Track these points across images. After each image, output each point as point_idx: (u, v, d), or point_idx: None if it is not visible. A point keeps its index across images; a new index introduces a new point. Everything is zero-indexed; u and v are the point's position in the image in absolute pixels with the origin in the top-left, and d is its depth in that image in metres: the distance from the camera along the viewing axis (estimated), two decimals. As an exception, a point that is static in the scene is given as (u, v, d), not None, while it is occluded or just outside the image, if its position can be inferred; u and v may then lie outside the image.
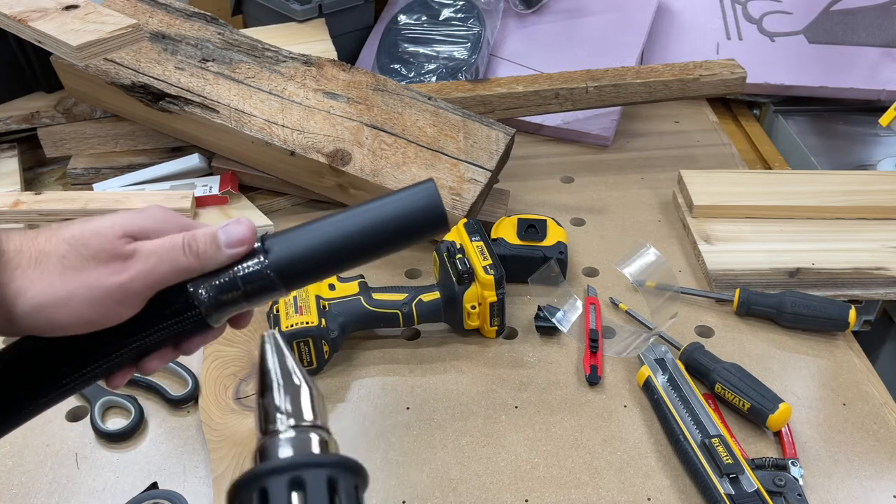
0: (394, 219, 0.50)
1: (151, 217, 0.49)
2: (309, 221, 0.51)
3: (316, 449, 0.46)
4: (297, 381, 0.49)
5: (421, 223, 0.50)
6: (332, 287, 0.86)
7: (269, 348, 0.50)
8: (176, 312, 0.49)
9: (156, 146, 1.11)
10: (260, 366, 0.50)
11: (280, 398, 0.48)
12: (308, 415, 0.48)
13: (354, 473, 0.45)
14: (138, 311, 0.47)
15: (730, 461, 0.70)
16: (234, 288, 0.49)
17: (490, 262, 0.84)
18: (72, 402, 0.80)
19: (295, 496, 0.43)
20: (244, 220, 0.50)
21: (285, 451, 0.46)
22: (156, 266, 0.46)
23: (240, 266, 0.50)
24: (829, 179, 1.08)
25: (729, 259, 0.96)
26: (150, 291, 0.47)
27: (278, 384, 0.49)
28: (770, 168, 1.20)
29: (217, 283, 0.49)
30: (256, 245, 0.50)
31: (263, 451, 0.47)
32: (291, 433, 0.47)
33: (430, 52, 1.31)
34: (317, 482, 0.43)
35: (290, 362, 0.50)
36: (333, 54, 1.20)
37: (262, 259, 0.50)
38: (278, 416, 0.47)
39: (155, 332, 0.49)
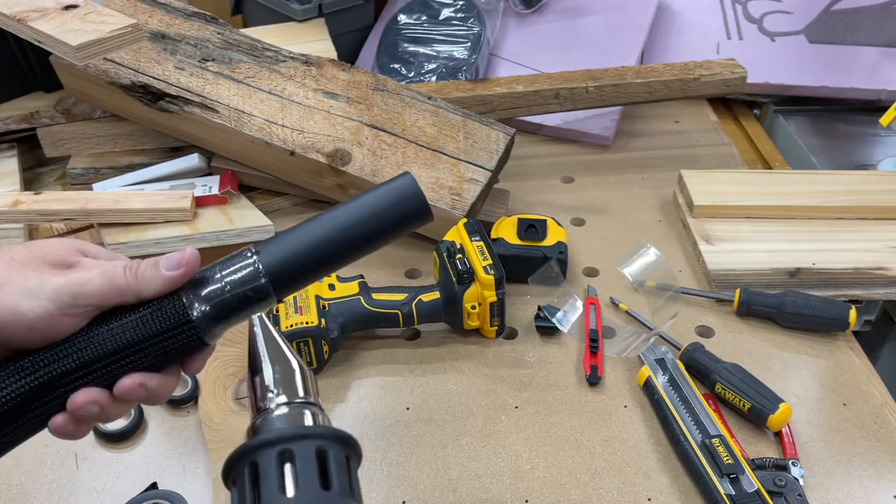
0: (379, 212, 0.50)
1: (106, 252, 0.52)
2: (295, 225, 0.51)
3: (307, 423, 0.47)
4: (286, 360, 0.50)
5: (405, 215, 0.51)
6: (331, 287, 0.86)
7: (257, 330, 0.51)
8: (171, 327, 0.48)
9: (155, 146, 1.11)
10: (249, 347, 0.51)
11: (270, 377, 0.49)
12: (299, 391, 0.49)
13: (345, 445, 0.46)
14: (77, 323, 0.47)
15: (730, 461, 0.70)
16: (227, 297, 0.48)
17: (490, 262, 0.84)
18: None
19: (286, 468, 0.43)
20: (188, 248, 0.50)
21: (275, 426, 0.46)
22: (94, 277, 0.47)
23: (232, 274, 0.49)
24: (829, 179, 1.08)
25: (729, 259, 0.96)
26: (86, 301, 0.47)
27: (268, 364, 0.50)
28: (770, 168, 1.20)
29: (209, 292, 0.48)
30: (248, 252, 0.49)
31: (255, 429, 0.47)
32: (283, 409, 0.47)
33: (430, 52, 1.31)
34: (306, 454, 0.44)
35: (279, 342, 0.51)
36: (333, 54, 1.20)
37: (255, 264, 0.49)
38: (269, 394, 0.48)
39: (146, 348, 0.47)
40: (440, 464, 0.74)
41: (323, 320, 0.81)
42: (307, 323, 0.80)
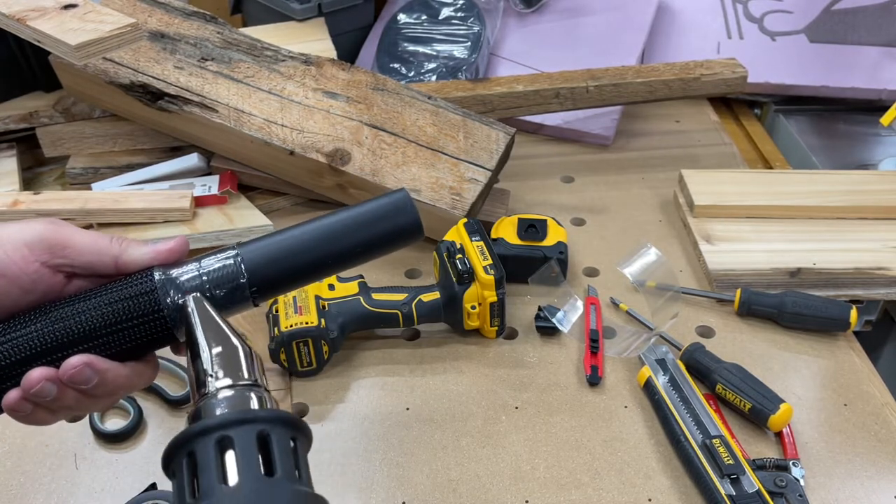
0: (370, 223, 0.51)
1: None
2: (283, 229, 0.51)
3: (252, 406, 0.45)
4: (227, 341, 0.48)
5: (397, 229, 0.51)
6: (331, 287, 0.86)
7: (191, 311, 0.49)
8: (139, 312, 0.47)
9: (155, 146, 1.11)
10: (186, 332, 0.49)
11: (208, 360, 0.46)
12: (243, 374, 0.46)
13: (290, 427, 0.43)
14: (50, 276, 0.47)
15: (731, 462, 0.70)
16: (204, 289, 0.48)
17: (490, 262, 0.84)
18: (70, 402, 0.80)
19: (228, 455, 0.41)
20: (179, 236, 0.51)
21: (215, 412, 0.44)
22: (78, 231, 0.47)
23: (213, 268, 0.49)
24: (830, 179, 1.08)
25: (730, 259, 0.96)
26: (62, 252, 0.47)
27: (206, 347, 0.47)
28: (771, 168, 1.20)
29: (186, 282, 0.48)
30: (231, 250, 0.49)
31: (195, 414, 0.45)
32: (226, 393, 0.45)
33: (429, 52, 1.30)
34: (245, 439, 0.41)
35: (219, 323, 0.49)
36: (333, 53, 1.20)
37: (237, 260, 0.49)
38: (208, 379, 0.46)
39: (114, 331, 0.47)
40: (440, 464, 0.74)
41: (323, 320, 0.81)
42: (307, 323, 0.80)
